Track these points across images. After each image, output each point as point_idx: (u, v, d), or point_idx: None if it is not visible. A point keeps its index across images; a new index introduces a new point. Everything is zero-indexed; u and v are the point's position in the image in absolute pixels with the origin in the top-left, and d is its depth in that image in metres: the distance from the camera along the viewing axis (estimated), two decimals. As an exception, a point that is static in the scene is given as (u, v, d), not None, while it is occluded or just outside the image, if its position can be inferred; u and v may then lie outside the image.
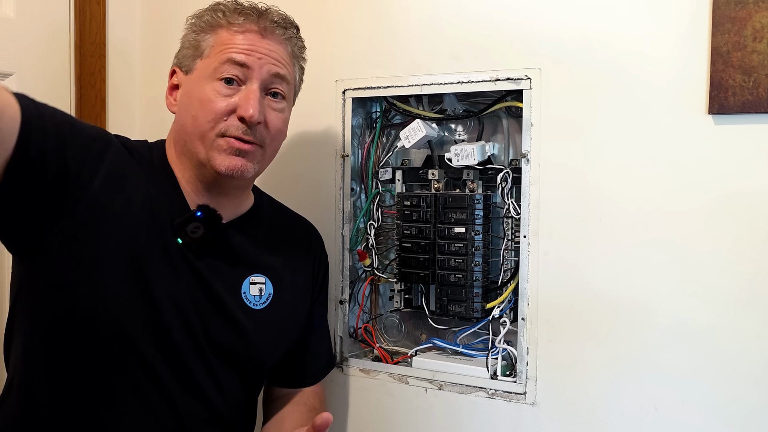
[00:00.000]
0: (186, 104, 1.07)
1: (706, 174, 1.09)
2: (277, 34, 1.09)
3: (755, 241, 1.06)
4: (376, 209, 1.42)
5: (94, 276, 1.00)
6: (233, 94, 1.05)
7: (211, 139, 1.04)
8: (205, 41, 1.08)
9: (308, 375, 1.28)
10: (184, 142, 1.08)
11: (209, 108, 1.04)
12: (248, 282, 1.13)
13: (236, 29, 1.07)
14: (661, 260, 1.12)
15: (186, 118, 1.07)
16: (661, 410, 1.12)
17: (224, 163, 1.04)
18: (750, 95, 1.04)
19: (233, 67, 1.05)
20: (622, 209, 1.14)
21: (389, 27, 1.34)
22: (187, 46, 1.10)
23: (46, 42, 1.51)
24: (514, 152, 1.30)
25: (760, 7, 1.03)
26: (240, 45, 1.06)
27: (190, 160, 1.08)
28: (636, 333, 1.14)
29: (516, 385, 1.23)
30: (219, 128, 1.04)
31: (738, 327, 1.07)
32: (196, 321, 1.06)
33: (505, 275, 1.30)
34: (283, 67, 1.09)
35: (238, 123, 1.04)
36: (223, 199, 1.11)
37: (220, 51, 1.06)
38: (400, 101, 1.37)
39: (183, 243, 1.05)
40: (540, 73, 1.20)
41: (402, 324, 1.44)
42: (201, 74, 1.07)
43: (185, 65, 1.10)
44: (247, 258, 1.14)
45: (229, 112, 1.04)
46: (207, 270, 1.08)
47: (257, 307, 1.14)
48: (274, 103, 1.09)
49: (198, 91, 1.06)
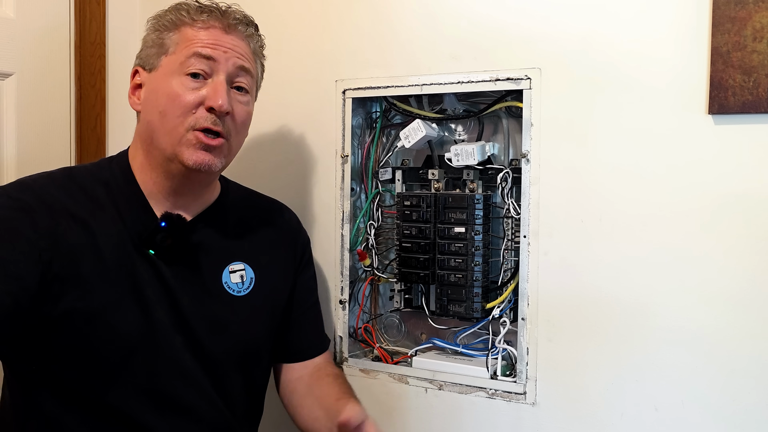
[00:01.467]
0: (152, 101, 1.09)
1: (706, 174, 1.09)
2: (240, 30, 1.12)
3: (755, 241, 1.06)
4: (376, 209, 1.42)
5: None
6: (200, 87, 1.07)
7: (180, 133, 1.06)
8: (170, 38, 1.09)
9: (312, 345, 1.30)
10: (150, 140, 1.09)
11: (178, 102, 1.05)
12: (228, 271, 1.16)
13: (200, 26, 1.09)
14: (661, 260, 1.12)
15: (153, 114, 1.08)
16: (661, 410, 1.12)
17: (192, 158, 1.05)
18: (750, 95, 1.04)
19: (199, 61, 1.07)
20: (622, 209, 1.14)
21: (389, 27, 1.34)
22: (150, 45, 1.12)
23: (46, 42, 1.51)
24: (514, 152, 1.30)
25: (760, 7, 1.03)
26: (205, 40, 1.08)
27: (157, 158, 1.09)
28: (636, 333, 1.14)
29: (516, 385, 1.23)
30: (188, 122, 1.05)
31: (738, 327, 1.07)
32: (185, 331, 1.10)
33: (505, 275, 1.30)
34: (246, 61, 1.12)
35: (207, 114, 1.06)
36: (190, 197, 1.14)
37: (186, 46, 1.08)
38: (400, 101, 1.37)
39: (156, 254, 1.08)
40: (540, 73, 1.20)
41: (402, 324, 1.44)
42: (167, 70, 1.08)
43: (149, 63, 1.11)
44: (222, 248, 1.17)
45: (197, 105, 1.06)
46: (184, 272, 1.11)
47: (241, 293, 1.16)
48: (240, 96, 1.12)
49: (165, 87, 1.07)
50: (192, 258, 1.13)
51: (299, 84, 1.43)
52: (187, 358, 1.10)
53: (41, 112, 1.51)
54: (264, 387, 1.26)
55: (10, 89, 1.45)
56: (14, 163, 1.46)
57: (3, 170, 1.45)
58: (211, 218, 1.17)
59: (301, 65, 1.43)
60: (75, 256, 1.03)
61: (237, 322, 1.15)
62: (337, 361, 1.39)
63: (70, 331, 1.03)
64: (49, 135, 1.53)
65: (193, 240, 1.13)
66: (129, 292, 1.06)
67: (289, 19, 1.44)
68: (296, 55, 1.43)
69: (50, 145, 1.53)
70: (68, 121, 1.56)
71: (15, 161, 1.47)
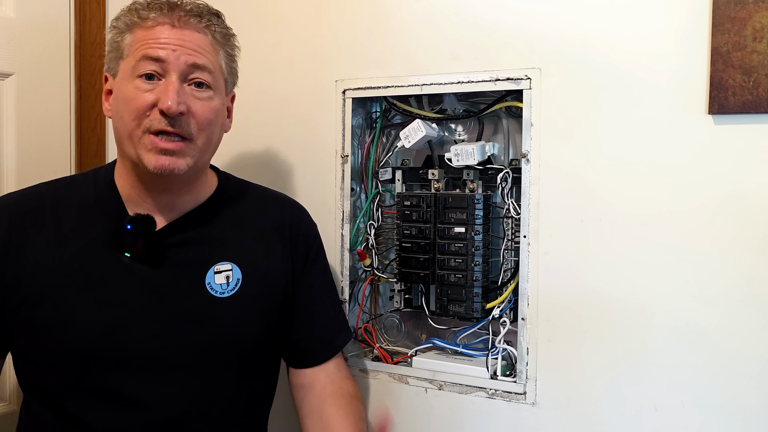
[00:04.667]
0: (115, 106, 1.08)
1: (706, 174, 1.09)
2: (192, 23, 1.08)
3: (755, 241, 1.06)
4: (376, 209, 1.42)
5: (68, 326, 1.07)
6: (153, 89, 1.05)
7: (137, 136, 1.05)
8: (124, 41, 1.08)
9: (318, 350, 1.24)
10: (120, 145, 1.09)
11: (132, 106, 1.04)
12: (212, 272, 1.13)
13: (150, 24, 1.07)
14: (661, 260, 1.12)
15: (117, 120, 1.08)
16: (661, 410, 1.12)
17: (152, 162, 1.04)
18: (750, 95, 1.04)
19: (149, 63, 1.05)
20: (621, 209, 1.14)
21: (389, 27, 1.34)
22: (110, 50, 1.11)
23: (46, 42, 1.51)
24: (514, 152, 1.30)
25: (760, 7, 1.03)
26: (153, 40, 1.06)
27: (128, 162, 1.09)
28: (636, 333, 1.14)
29: (516, 385, 1.23)
30: (144, 125, 1.04)
31: (738, 327, 1.07)
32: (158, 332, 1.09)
33: (505, 275, 1.30)
34: (201, 56, 1.08)
35: (160, 116, 1.04)
36: (172, 196, 1.12)
37: (136, 49, 1.06)
38: (400, 101, 1.37)
39: (131, 256, 1.08)
40: (540, 73, 1.20)
41: (402, 324, 1.44)
42: (123, 75, 1.07)
43: (112, 69, 1.10)
44: (208, 248, 1.14)
45: (149, 107, 1.04)
46: (162, 273, 1.10)
47: (225, 295, 1.13)
48: (198, 93, 1.08)
49: (122, 91, 1.06)
50: (172, 258, 1.11)
51: (299, 84, 1.43)
52: (159, 361, 1.08)
53: (41, 112, 1.51)
54: (266, 390, 1.23)
55: (10, 89, 1.45)
56: (14, 163, 1.46)
57: (3, 170, 1.45)
58: (200, 216, 1.15)
59: (301, 65, 1.43)
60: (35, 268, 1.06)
61: (218, 323, 1.12)
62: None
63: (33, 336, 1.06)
64: (49, 135, 1.53)
65: (175, 240, 1.12)
66: (92, 295, 1.06)
67: (289, 19, 1.44)
68: (296, 55, 1.43)
69: (50, 145, 1.53)
70: (68, 121, 1.56)
71: (15, 161, 1.47)
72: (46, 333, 1.06)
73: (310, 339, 1.24)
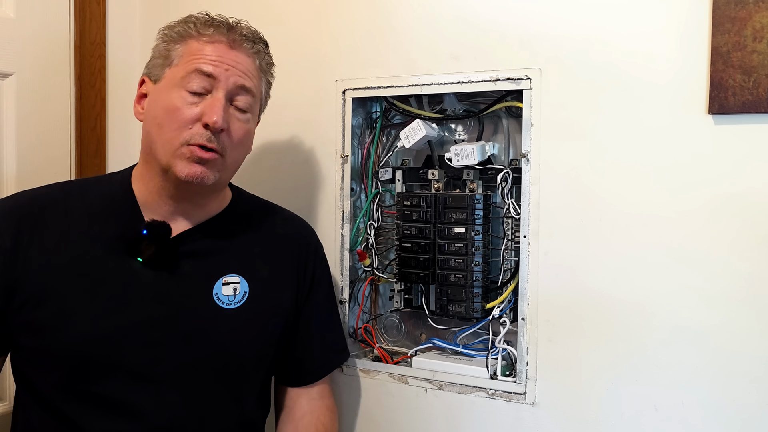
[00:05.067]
0: (153, 112, 1.09)
1: (706, 174, 1.09)
2: (245, 47, 1.12)
3: (755, 241, 1.06)
4: (376, 209, 1.42)
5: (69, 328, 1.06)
6: (199, 102, 1.07)
7: (175, 147, 1.06)
8: (175, 51, 1.10)
9: (305, 372, 1.26)
10: (149, 150, 1.10)
11: (175, 116, 1.06)
12: (221, 283, 1.14)
13: (206, 40, 1.09)
14: (661, 260, 1.12)
15: (152, 125, 1.09)
16: (661, 410, 1.12)
17: (185, 170, 1.05)
18: (750, 95, 1.04)
19: (200, 77, 1.07)
20: (622, 209, 1.14)
21: (389, 27, 1.34)
22: (157, 56, 1.12)
23: (46, 42, 1.51)
24: (514, 152, 1.30)
25: (760, 7, 1.03)
26: (208, 55, 1.08)
27: (155, 168, 1.10)
28: (636, 333, 1.14)
29: (516, 385, 1.23)
30: (183, 136, 1.06)
31: (738, 327, 1.07)
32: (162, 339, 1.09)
33: (505, 275, 1.30)
34: (249, 79, 1.11)
35: (202, 130, 1.06)
36: (189, 206, 1.13)
37: (189, 60, 1.08)
38: (400, 101, 1.37)
39: (143, 261, 1.09)
40: (540, 73, 1.19)
41: (402, 324, 1.44)
42: (168, 83, 1.09)
43: (154, 74, 1.11)
44: (218, 259, 1.15)
45: (194, 121, 1.06)
46: (171, 280, 1.10)
47: (231, 306, 1.14)
48: (239, 114, 1.11)
49: (164, 99, 1.07)
50: (183, 267, 1.12)
51: (299, 84, 1.43)
52: (154, 370, 1.08)
53: (41, 112, 1.51)
54: (260, 404, 1.22)
55: (10, 89, 1.45)
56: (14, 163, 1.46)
57: (3, 170, 1.44)
58: (212, 228, 1.16)
59: (301, 65, 1.43)
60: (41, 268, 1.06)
61: (221, 334, 1.12)
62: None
63: (34, 336, 1.06)
64: (49, 135, 1.53)
65: (187, 248, 1.13)
66: (96, 299, 1.06)
67: (289, 19, 1.44)
68: (296, 55, 1.43)
69: (50, 145, 1.53)
70: (68, 121, 1.56)
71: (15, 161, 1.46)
72: (46, 334, 1.05)
73: (302, 360, 1.26)
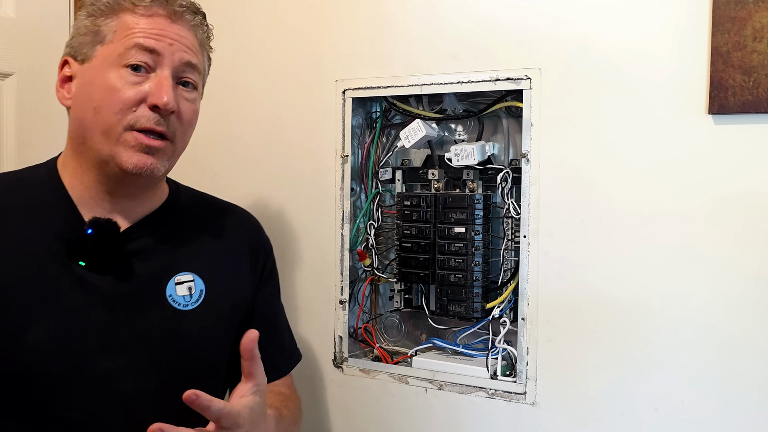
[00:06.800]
0: (85, 96, 0.97)
1: (706, 174, 1.09)
2: (187, 19, 1.01)
3: (755, 241, 1.06)
4: (376, 209, 1.42)
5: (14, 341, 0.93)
6: (142, 81, 0.95)
7: (117, 132, 0.94)
8: (107, 26, 0.97)
9: (273, 367, 1.14)
10: (82, 140, 0.98)
11: (116, 97, 0.94)
12: (173, 283, 1.03)
13: (142, 12, 0.97)
14: (661, 260, 1.12)
15: (85, 111, 0.96)
16: (661, 410, 1.12)
17: (131, 161, 0.95)
18: (750, 95, 1.04)
19: (142, 53, 0.95)
20: (622, 209, 1.14)
21: (389, 27, 1.34)
22: (83, 33, 0.98)
23: (46, 42, 1.51)
24: (514, 152, 1.30)
25: (760, 7, 1.03)
26: (149, 29, 0.96)
27: (90, 160, 0.98)
28: (636, 333, 1.14)
29: (516, 385, 1.23)
30: (127, 120, 0.94)
31: (738, 327, 1.07)
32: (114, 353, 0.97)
33: (505, 275, 1.30)
34: (194, 55, 1.01)
35: (149, 113, 0.95)
36: (129, 201, 1.02)
37: (126, 36, 0.96)
38: (400, 101, 1.37)
39: (87, 265, 0.96)
40: (540, 73, 1.20)
41: (402, 324, 1.44)
42: (103, 61, 0.96)
43: (81, 53, 0.98)
44: (167, 257, 1.04)
45: (138, 102, 0.95)
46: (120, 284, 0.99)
47: (189, 307, 1.04)
48: (186, 93, 1.01)
49: (101, 80, 0.95)
50: (130, 268, 1.00)
51: (299, 84, 1.43)
52: (118, 379, 0.97)
53: (41, 112, 1.51)
54: None
55: (10, 89, 1.45)
56: (14, 163, 1.46)
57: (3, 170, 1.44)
58: (154, 224, 1.05)
59: (300, 65, 1.43)
60: None
61: (181, 338, 1.02)
62: (336, 362, 1.39)
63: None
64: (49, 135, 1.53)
65: (131, 248, 1.01)
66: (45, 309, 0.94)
67: (289, 19, 1.44)
68: (296, 55, 1.43)
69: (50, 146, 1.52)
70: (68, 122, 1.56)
71: (15, 161, 1.47)
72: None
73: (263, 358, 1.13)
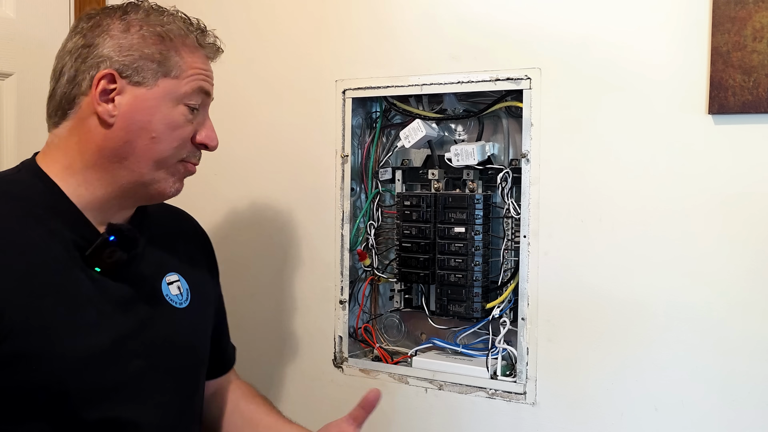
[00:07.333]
0: (143, 121, 0.97)
1: (706, 174, 1.09)
2: None
3: (755, 240, 1.06)
4: (376, 209, 1.42)
5: None
6: (193, 119, 1.01)
7: (170, 163, 1.00)
8: (173, 58, 0.98)
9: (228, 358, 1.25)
10: (119, 159, 0.97)
11: (177, 133, 0.99)
12: (165, 283, 1.07)
13: (204, 53, 1.02)
14: (661, 260, 1.12)
15: (140, 136, 0.97)
16: (661, 410, 1.12)
17: (174, 187, 1.02)
18: (750, 95, 1.04)
19: (200, 96, 1.01)
20: (622, 209, 1.14)
21: (389, 27, 1.34)
22: (145, 56, 0.97)
23: (46, 42, 1.51)
24: (514, 152, 1.30)
25: (760, 7, 1.03)
26: (206, 72, 1.02)
27: (118, 178, 0.98)
28: (636, 333, 1.14)
29: (516, 385, 1.23)
30: (181, 154, 1.00)
31: (738, 327, 1.07)
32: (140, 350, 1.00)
33: (505, 275, 1.30)
34: None
35: (194, 149, 1.02)
36: (124, 213, 1.04)
37: (191, 76, 0.99)
38: (400, 101, 1.37)
39: (102, 271, 0.97)
40: (540, 73, 1.20)
41: (402, 324, 1.44)
42: (166, 94, 0.98)
43: (138, 75, 0.97)
44: (156, 259, 1.07)
45: (190, 139, 1.01)
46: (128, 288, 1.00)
47: (182, 305, 1.08)
48: None
49: (164, 113, 0.98)
50: (134, 272, 1.01)
51: (299, 84, 1.43)
52: (146, 381, 0.99)
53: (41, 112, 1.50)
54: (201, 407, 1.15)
55: (10, 89, 1.45)
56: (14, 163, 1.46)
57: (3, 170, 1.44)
58: (140, 227, 1.05)
59: (300, 65, 1.43)
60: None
61: (181, 334, 1.06)
62: (336, 362, 1.39)
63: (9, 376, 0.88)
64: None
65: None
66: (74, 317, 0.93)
67: (289, 19, 1.44)
68: (296, 55, 1.43)
69: (50, 145, 1.53)
70: (68, 121, 1.56)
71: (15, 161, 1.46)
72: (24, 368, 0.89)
73: (225, 347, 1.24)
